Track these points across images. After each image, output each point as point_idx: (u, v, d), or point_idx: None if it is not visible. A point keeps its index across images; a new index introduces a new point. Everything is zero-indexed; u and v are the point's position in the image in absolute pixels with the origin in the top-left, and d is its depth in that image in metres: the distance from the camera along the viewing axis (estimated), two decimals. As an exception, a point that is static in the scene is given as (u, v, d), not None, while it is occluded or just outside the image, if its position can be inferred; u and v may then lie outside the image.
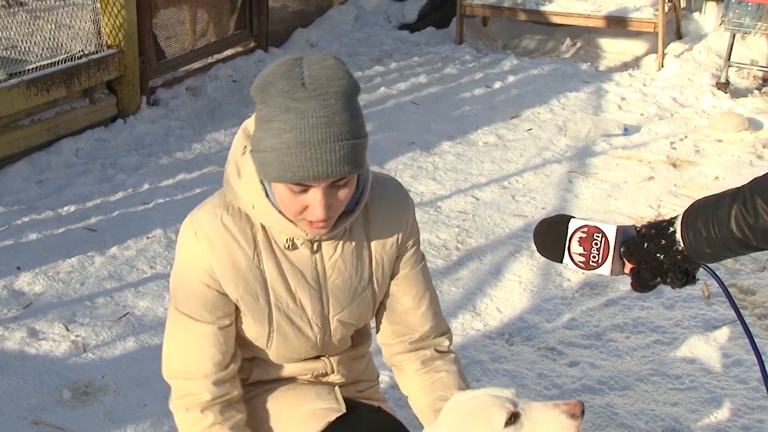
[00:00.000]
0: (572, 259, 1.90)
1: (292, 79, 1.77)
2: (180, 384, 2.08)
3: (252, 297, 2.02)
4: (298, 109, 1.75)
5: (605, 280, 4.28)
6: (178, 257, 2.07)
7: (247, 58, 7.57)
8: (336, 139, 1.76)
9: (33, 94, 5.44)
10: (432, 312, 2.23)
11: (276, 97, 1.77)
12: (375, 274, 2.14)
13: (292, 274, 2.04)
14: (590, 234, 1.87)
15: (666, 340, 3.87)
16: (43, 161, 5.48)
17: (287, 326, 2.08)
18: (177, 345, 2.08)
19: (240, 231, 1.99)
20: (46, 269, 4.24)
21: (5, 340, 3.66)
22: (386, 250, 2.14)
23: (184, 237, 2.03)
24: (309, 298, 2.07)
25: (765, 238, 1.68)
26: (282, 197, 1.87)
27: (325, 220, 1.87)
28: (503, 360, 3.70)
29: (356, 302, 2.13)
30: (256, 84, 1.84)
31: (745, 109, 6.76)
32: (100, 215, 4.85)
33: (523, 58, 8.20)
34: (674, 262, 1.80)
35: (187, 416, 2.05)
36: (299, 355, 2.18)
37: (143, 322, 3.85)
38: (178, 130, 6.19)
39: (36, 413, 3.26)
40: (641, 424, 3.32)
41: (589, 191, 5.39)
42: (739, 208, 1.69)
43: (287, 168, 1.77)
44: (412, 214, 2.20)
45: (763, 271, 4.44)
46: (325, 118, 1.76)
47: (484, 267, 4.46)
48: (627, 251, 1.86)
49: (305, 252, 2.03)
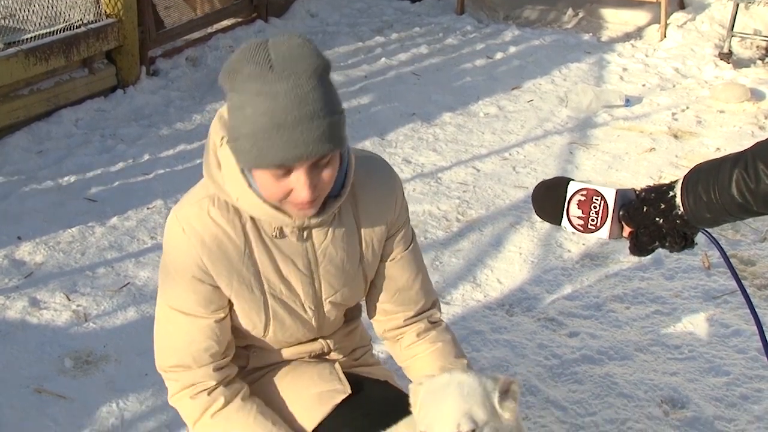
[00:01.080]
0: (570, 222, 1.89)
1: (259, 63, 1.73)
2: (179, 376, 2.06)
3: (246, 288, 2.01)
4: (269, 93, 1.71)
5: (605, 251, 4.29)
6: (166, 254, 2.03)
7: (247, 28, 7.52)
8: (312, 118, 1.72)
9: (32, 64, 5.42)
10: (425, 289, 2.25)
11: (245, 83, 1.74)
12: (365, 256, 2.13)
13: (283, 262, 2.02)
14: (589, 197, 1.86)
15: (665, 310, 3.88)
16: (42, 131, 5.47)
17: (284, 312, 2.07)
18: (171, 340, 2.05)
19: (228, 223, 1.96)
20: (47, 239, 4.25)
21: (7, 310, 3.68)
22: (376, 232, 2.12)
23: (172, 234, 1.99)
24: (301, 284, 2.06)
25: (766, 203, 1.67)
26: (265, 184, 1.82)
27: (311, 201, 1.84)
28: (503, 330, 3.71)
29: (348, 285, 2.14)
30: (223, 72, 1.80)
31: (747, 79, 6.73)
32: (101, 186, 4.85)
33: (524, 29, 8.15)
34: (673, 226, 1.80)
35: (195, 404, 2.05)
36: (297, 338, 2.18)
37: (144, 292, 3.86)
38: (178, 100, 6.17)
39: (38, 382, 3.28)
40: (640, 393, 3.34)
41: (590, 162, 5.38)
42: (741, 172, 1.68)
43: (265, 153, 1.74)
44: (400, 192, 2.16)
45: (763, 241, 4.45)
46: (298, 99, 1.72)
47: (484, 238, 4.47)
48: (626, 215, 1.86)
49: (294, 240, 2.01)
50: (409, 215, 2.24)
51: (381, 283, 2.21)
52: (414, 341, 2.23)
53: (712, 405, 3.29)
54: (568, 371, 3.46)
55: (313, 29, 7.91)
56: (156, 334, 2.11)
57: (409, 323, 2.24)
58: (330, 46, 7.44)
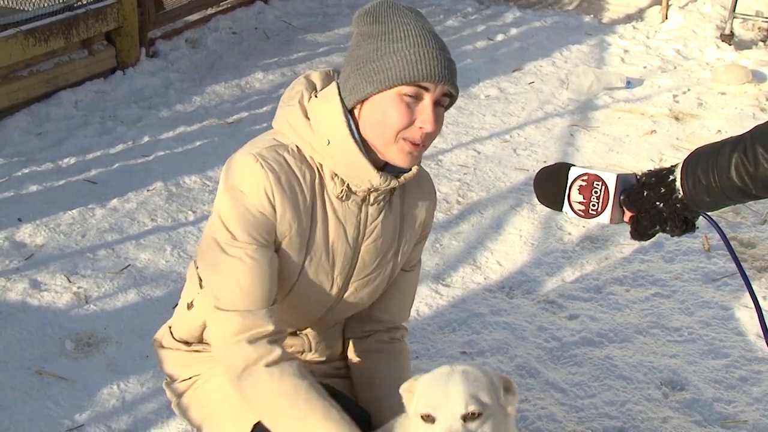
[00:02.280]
0: (572, 207, 1.89)
1: (399, 8, 1.95)
2: (236, 319, 1.98)
3: (299, 238, 2.01)
4: (416, 24, 1.93)
5: (605, 234, 4.29)
6: (235, 190, 1.98)
7: (247, 9, 7.49)
8: (449, 55, 1.95)
9: (31, 45, 5.40)
10: (410, 307, 2.40)
11: (390, 16, 1.94)
12: (401, 249, 2.19)
13: (335, 227, 2.04)
14: (590, 182, 1.87)
15: (665, 293, 3.89)
16: (42, 113, 5.46)
17: (312, 278, 2.07)
18: (231, 281, 1.99)
19: (300, 173, 2.00)
20: (47, 221, 4.24)
21: (7, 291, 3.68)
22: (415, 230, 2.21)
23: (245, 167, 1.97)
24: (343, 255, 2.08)
25: (765, 186, 1.67)
26: (387, 111, 1.91)
27: (426, 137, 1.94)
28: (503, 313, 3.72)
29: (377, 272, 2.16)
30: (362, 12, 1.97)
31: (749, 61, 6.72)
32: (101, 167, 4.84)
33: (525, 11, 8.12)
34: (674, 210, 1.80)
35: (252, 349, 1.96)
36: (300, 318, 2.18)
37: (144, 275, 3.87)
38: (177, 82, 6.16)
39: (39, 363, 3.28)
40: (640, 375, 3.35)
41: (590, 145, 5.37)
42: (740, 156, 1.68)
43: (415, 65, 1.88)
44: (435, 205, 2.30)
45: (763, 224, 4.45)
46: (439, 38, 1.95)
47: (484, 220, 4.47)
48: (627, 199, 1.86)
49: (353, 208, 2.04)
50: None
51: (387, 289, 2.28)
52: (383, 340, 2.32)
53: (712, 387, 3.30)
54: (568, 354, 3.47)
55: (314, 10, 7.88)
56: (212, 277, 2.05)
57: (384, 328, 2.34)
58: (330, 27, 7.42)
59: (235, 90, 6.08)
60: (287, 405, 1.95)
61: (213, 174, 4.77)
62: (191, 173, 4.77)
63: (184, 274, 3.86)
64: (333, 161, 1.98)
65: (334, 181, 2.01)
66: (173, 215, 4.37)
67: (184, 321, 2.27)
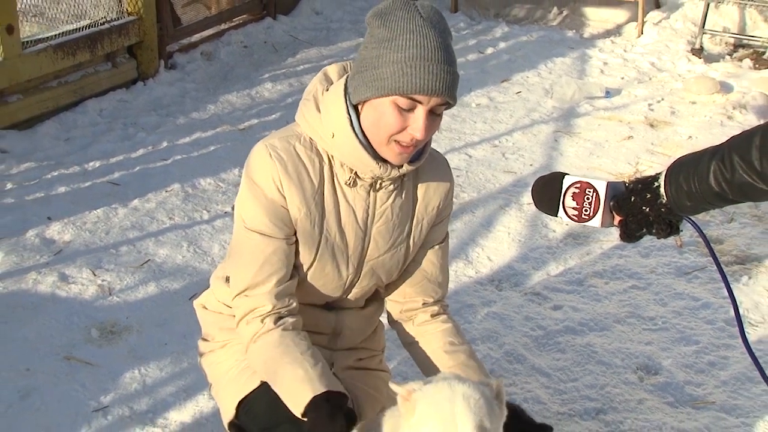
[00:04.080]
0: (566, 212, 1.91)
1: (410, 11, 1.87)
2: (244, 303, 2.04)
3: (309, 222, 2.02)
4: (420, 32, 1.84)
5: (586, 232, 4.29)
6: (249, 179, 2.03)
7: (257, 24, 7.49)
8: (450, 65, 1.87)
9: (60, 58, 5.39)
10: (446, 282, 2.30)
11: (398, 21, 1.86)
12: (414, 232, 2.16)
13: (345, 211, 2.05)
14: (582, 189, 1.88)
15: (641, 285, 3.89)
16: (69, 120, 5.46)
17: (329, 257, 2.07)
18: (244, 261, 2.04)
19: (309, 160, 2.01)
20: (74, 219, 4.24)
21: (38, 284, 3.68)
22: (428, 212, 2.17)
23: (258, 157, 2.01)
24: (354, 236, 2.08)
25: (741, 192, 1.68)
26: (382, 115, 1.89)
27: (421, 139, 1.91)
28: (493, 304, 3.72)
29: (391, 252, 2.14)
30: (373, 13, 1.91)
31: (717, 73, 6.72)
32: (123, 170, 4.84)
33: (513, 26, 8.12)
34: (659, 214, 1.81)
35: (248, 329, 2.03)
36: (322, 295, 2.16)
37: (163, 269, 3.87)
38: (193, 92, 6.15)
39: (67, 350, 3.28)
40: (617, 361, 3.36)
41: (573, 149, 5.38)
42: (718, 164, 1.69)
43: (409, 79, 1.83)
44: (452, 188, 2.24)
45: (730, 222, 4.45)
46: (443, 45, 1.86)
47: (476, 219, 4.47)
48: (616, 205, 1.87)
49: (362, 193, 2.05)
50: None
51: (413, 268, 2.23)
52: (427, 320, 2.25)
53: (683, 371, 3.30)
54: (552, 341, 3.47)
55: (318, 25, 7.87)
56: (232, 259, 2.10)
57: (425, 307, 2.26)
58: (333, 41, 7.41)
59: (246, 99, 6.08)
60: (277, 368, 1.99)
61: (226, 176, 4.77)
62: (206, 176, 4.77)
63: (200, 268, 3.87)
64: (339, 152, 1.99)
65: (343, 168, 2.02)
66: (189, 214, 4.37)
67: (223, 289, 2.25)
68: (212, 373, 2.28)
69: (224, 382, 2.20)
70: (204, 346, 2.33)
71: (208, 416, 2.92)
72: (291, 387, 1.95)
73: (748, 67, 6.88)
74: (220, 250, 4.01)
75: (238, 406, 2.14)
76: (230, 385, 2.18)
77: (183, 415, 2.97)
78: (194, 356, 2.39)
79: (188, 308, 2.41)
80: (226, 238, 4.10)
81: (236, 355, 2.20)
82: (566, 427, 2.99)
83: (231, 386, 2.17)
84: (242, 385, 2.13)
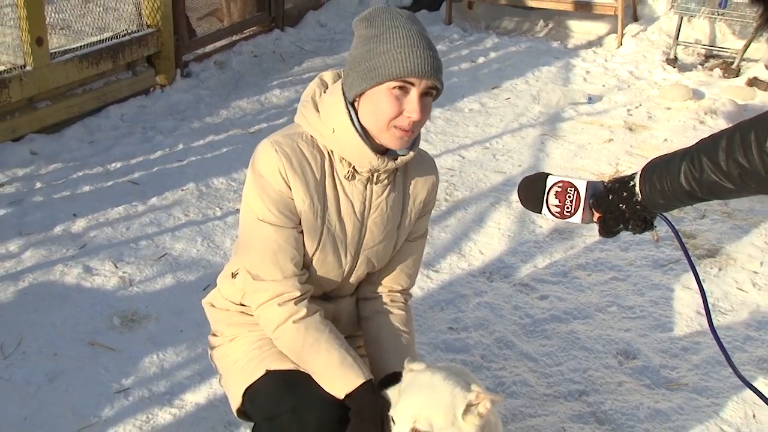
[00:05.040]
0: (549, 209, 1.91)
1: (392, 13, 1.95)
2: (269, 287, 2.03)
3: (312, 213, 2.03)
4: (404, 27, 1.91)
5: (571, 228, 4.29)
6: (256, 174, 2.03)
7: (266, 36, 7.47)
8: (434, 51, 1.93)
9: (84, 67, 5.38)
10: (416, 274, 2.33)
11: (384, 21, 1.93)
12: (404, 223, 2.18)
13: (345, 203, 2.06)
14: (564, 188, 1.88)
15: (621, 276, 3.89)
16: (93, 125, 5.45)
17: (330, 247, 2.08)
18: (259, 251, 2.03)
19: (311, 156, 2.02)
20: (98, 216, 4.24)
21: (65, 275, 3.68)
22: (416, 206, 2.19)
23: (265, 153, 2.02)
24: (353, 227, 2.09)
25: (709, 190, 1.69)
26: (379, 103, 1.91)
27: (414, 124, 1.94)
28: (484, 294, 3.71)
29: (384, 242, 2.16)
30: (359, 18, 1.99)
31: (690, 81, 6.71)
32: (142, 170, 4.84)
33: (503, 37, 8.10)
34: (634, 211, 1.81)
35: (281, 310, 2.02)
36: (323, 284, 2.17)
37: (179, 262, 3.86)
38: (207, 98, 6.14)
39: (91, 336, 3.28)
40: (599, 346, 3.36)
41: (558, 151, 5.37)
42: (688, 165, 1.69)
43: (401, 64, 1.87)
44: (437, 183, 2.26)
45: (702, 218, 4.45)
46: (424, 38, 1.93)
47: (468, 216, 4.46)
48: (595, 202, 1.87)
49: (359, 186, 2.06)
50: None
51: (393, 258, 2.25)
52: (387, 303, 2.27)
53: (659, 356, 3.30)
54: (539, 329, 3.47)
55: (322, 36, 7.86)
56: (245, 254, 2.09)
57: (390, 293, 2.29)
58: (336, 51, 7.40)
59: (256, 104, 6.07)
60: (311, 353, 2.01)
61: (237, 176, 4.76)
62: (219, 175, 4.76)
63: (213, 260, 3.87)
64: (339, 147, 2.00)
65: (342, 163, 2.03)
66: (203, 211, 4.36)
67: (229, 287, 2.26)
68: (221, 365, 2.27)
69: (232, 373, 2.20)
70: (214, 340, 2.33)
71: (220, 398, 2.92)
72: (334, 370, 1.99)
73: (718, 76, 6.86)
74: (231, 244, 4.00)
75: (244, 394, 2.14)
76: (237, 375, 2.17)
77: (198, 397, 2.97)
78: (207, 345, 2.39)
79: (203, 298, 2.41)
80: (237, 233, 4.08)
81: (243, 347, 2.20)
82: (552, 408, 2.99)
83: (238, 376, 2.17)
84: (248, 375, 2.13)
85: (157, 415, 2.87)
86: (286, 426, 1.99)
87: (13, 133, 4.96)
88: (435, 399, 1.80)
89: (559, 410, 2.98)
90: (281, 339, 2.06)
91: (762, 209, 4.54)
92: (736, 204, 4.55)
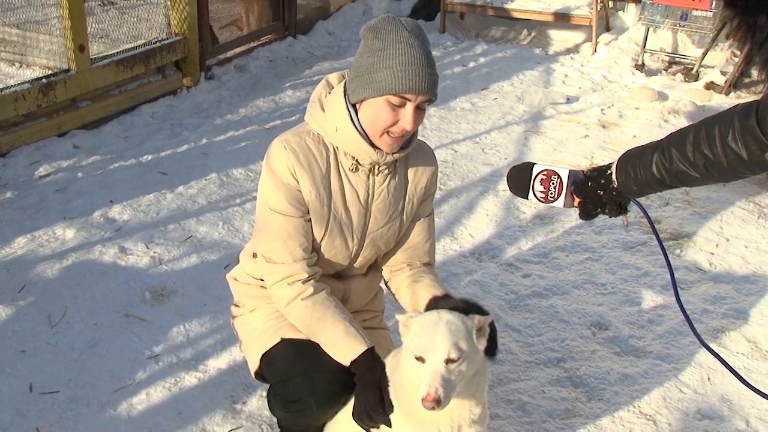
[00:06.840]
0: (535, 195, 1.90)
1: (397, 25, 1.89)
2: (279, 269, 2.03)
3: (319, 202, 2.02)
4: (407, 42, 1.86)
5: (551, 213, 4.27)
6: (269, 169, 2.03)
7: (280, 43, 7.42)
8: (431, 67, 1.89)
9: (120, 71, 5.35)
10: (432, 251, 2.28)
11: (388, 33, 1.87)
12: (406, 208, 2.15)
13: (349, 192, 2.04)
14: (548, 176, 1.87)
15: (595, 257, 3.87)
16: (128, 122, 5.42)
17: (337, 232, 2.06)
18: (273, 238, 2.02)
19: (318, 151, 2.01)
20: (131, 202, 4.22)
21: (103, 255, 3.66)
22: (417, 191, 2.16)
23: (276, 150, 2.02)
24: (357, 214, 2.07)
25: (677, 178, 1.68)
26: (378, 112, 1.89)
27: (410, 130, 1.91)
28: (473, 273, 3.70)
29: (388, 226, 2.13)
30: (366, 27, 1.93)
31: (656, 84, 6.67)
32: (171, 162, 4.81)
33: (491, 44, 8.05)
34: (611, 197, 1.80)
35: (291, 289, 2.02)
36: (332, 265, 2.15)
37: (203, 243, 3.85)
38: (228, 98, 6.10)
39: (126, 309, 3.27)
40: (575, 319, 3.34)
41: (540, 146, 5.34)
42: (659, 155, 1.68)
43: (400, 81, 1.84)
44: (436, 170, 2.23)
45: (666, 205, 4.42)
46: (425, 53, 1.88)
47: (460, 203, 4.44)
48: (576, 189, 1.86)
49: (363, 177, 2.04)
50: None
51: (405, 239, 2.22)
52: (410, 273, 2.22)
53: (628, 327, 3.29)
54: (522, 303, 3.46)
55: (330, 43, 7.81)
56: (260, 239, 2.08)
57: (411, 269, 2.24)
58: (343, 56, 7.35)
59: (271, 104, 6.03)
60: (318, 326, 2.00)
61: (254, 167, 4.73)
62: (238, 166, 4.73)
63: (233, 242, 3.85)
64: (342, 143, 1.99)
65: (347, 157, 2.02)
66: (224, 198, 4.34)
67: (251, 264, 2.24)
68: (242, 333, 2.27)
69: (251, 340, 2.19)
70: (236, 310, 2.32)
71: (240, 364, 2.92)
72: (339, 341, 1.97)
73: (680, 80, 6.82)
74: (249, 228, 3.99)
75: (261, 359, 2.13)
76: (256, 342, 2.17)
77: (220, 363, 2.96)
78: (229, 315, 2.38)
79: (224, 275, 2.40)
80: (254, 218, 4.04)
81: (261, 317, 2.19)
82: (533, 373, 2.98)
83: (256, 343, 2.16)
84: (265, 342, 2.13)
85: (184, 379, 2.87)
86: (298, 387, 1.99)
87: (59, 129, 4.94)
88: (454, 331, 1.79)
89: (539, 375, 2.97)
90: (292, 314, 2.05)
91: (718, 197, 4.51)
92: (696, 193, 4.53)
